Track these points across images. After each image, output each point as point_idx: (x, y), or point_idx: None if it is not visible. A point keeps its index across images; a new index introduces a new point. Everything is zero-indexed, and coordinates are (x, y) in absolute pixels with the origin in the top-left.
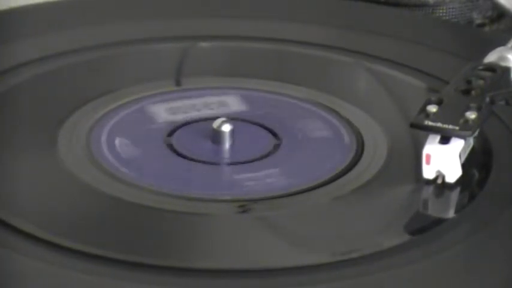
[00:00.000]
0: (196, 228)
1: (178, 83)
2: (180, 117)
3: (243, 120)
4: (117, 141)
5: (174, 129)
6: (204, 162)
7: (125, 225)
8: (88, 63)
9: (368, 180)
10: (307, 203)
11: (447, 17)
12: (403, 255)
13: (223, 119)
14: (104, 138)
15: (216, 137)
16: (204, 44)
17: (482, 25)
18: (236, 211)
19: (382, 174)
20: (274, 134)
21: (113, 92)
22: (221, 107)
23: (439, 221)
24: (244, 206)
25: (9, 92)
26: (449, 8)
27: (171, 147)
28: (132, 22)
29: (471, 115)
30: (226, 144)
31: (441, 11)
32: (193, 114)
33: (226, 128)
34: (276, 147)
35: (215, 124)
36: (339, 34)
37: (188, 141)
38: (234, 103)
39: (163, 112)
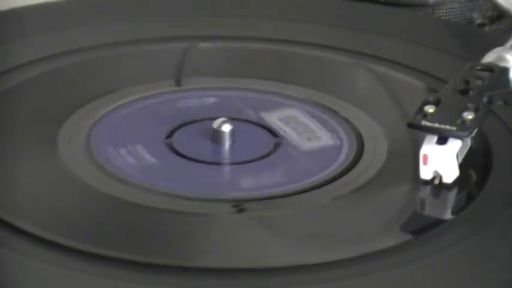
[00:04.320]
0: (196, 228)
1: (178, 83)
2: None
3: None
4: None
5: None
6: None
7: (125, 225)
8: (88, 63)
9: (368, 180)
10: (307, 203)
11: (447, 17)
12: (402, 255)
13: (223, 119)
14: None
15: (216, 137)
16: (204, 44)
17: (482, 25)
18: (236, 211)
19: (382, 174)
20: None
21: (113, 92)
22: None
23: (439, 221)
24: (244, 206)
25: (9, 92)
26: (449, 8)
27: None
28: (132, 22)
29: (468, 115)
30: (226, 144)
31: (441, 11)
32: None
33: (226, 128)
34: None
35: (215, 124)
36: (339, 34)
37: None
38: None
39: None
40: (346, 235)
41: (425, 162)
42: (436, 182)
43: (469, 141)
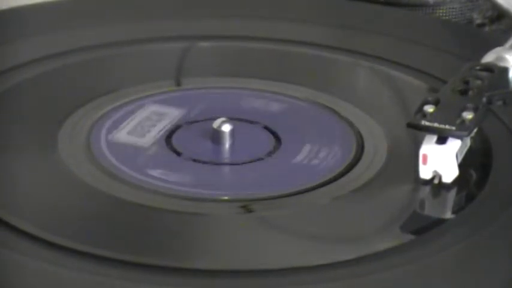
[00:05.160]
0: (196, 228)
1: (178, 83)
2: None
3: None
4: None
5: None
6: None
7: (125, 225)
8: (88, 63)
9: (368, 181)
10: (307, 203)
11: (447, 17)
12: (402, 256)
13: (223, 119)
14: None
15: (216, 137)
16: (204, 44)
17: (482, 25)
18: (236, 211)
19: (382, 175)
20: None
21: (113, 92)
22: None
23: (439, 221)
24: (244, 206)
25: (9, 92)
26: (449, 8)
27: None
28: (132, 22)
29: (468, 115)
30: (226, 144)
31: (441, 11)
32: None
33: (226, 128)
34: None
35: (215, 124)
36: (339, 34)
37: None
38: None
39: None
40: (346, 235)
41: (424, 162)
42: (436, 181)
43: (468, 141)
